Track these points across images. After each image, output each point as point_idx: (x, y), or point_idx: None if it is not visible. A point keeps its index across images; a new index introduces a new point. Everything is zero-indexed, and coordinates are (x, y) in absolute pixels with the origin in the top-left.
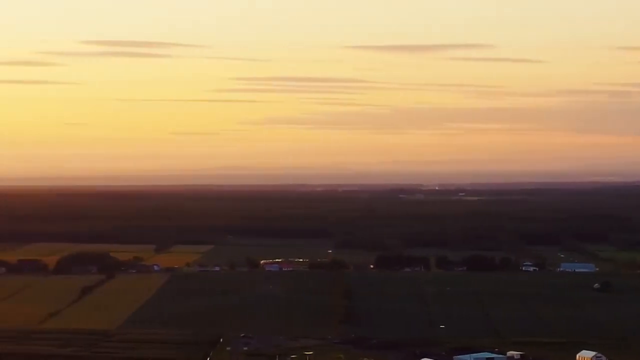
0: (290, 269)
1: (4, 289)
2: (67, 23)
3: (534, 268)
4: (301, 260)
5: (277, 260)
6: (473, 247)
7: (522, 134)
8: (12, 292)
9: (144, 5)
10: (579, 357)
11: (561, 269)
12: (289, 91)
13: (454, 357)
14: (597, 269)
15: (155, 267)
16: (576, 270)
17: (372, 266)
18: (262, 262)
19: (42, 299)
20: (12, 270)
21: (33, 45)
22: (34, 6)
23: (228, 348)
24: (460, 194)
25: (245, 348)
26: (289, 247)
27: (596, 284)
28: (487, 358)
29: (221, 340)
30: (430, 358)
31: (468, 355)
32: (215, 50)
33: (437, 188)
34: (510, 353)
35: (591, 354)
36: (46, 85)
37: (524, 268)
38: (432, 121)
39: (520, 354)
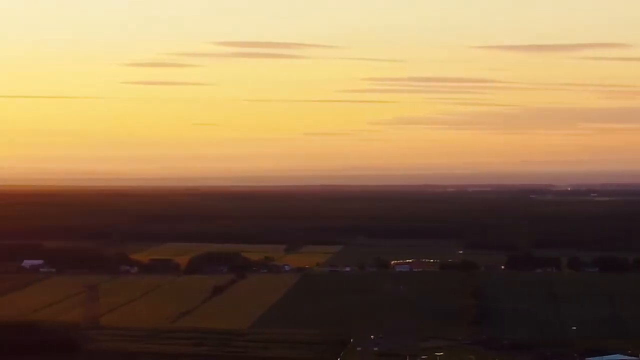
0: (421, 269)
1: (136, 288)
2: (201, 24)
3: None
4: (431, 260)
5: (407, 260)
6: (605, 248)
7: None
8: (145, 292)
9: (277, 6)
10: None
11: None
12: (419, 91)
13: (586, 359)
14: None
15: (286, 267)
16: None
17: (502, 267)
18: (392, 262)
19: (173, 298)
20: (145, 270)
21: (167, 47)
22: (168, 8)
23: (359, 348)
24: (592, 194)
25: (375, 348)
26: (419, 248)
27: None
28: None
29: (352, 340)
30: None
31: (600, 357)
32: (347, 51)
33: (568, 189)
34: None
35: None
36: (178, 87)
37: None
38: (564, 121)
39: None
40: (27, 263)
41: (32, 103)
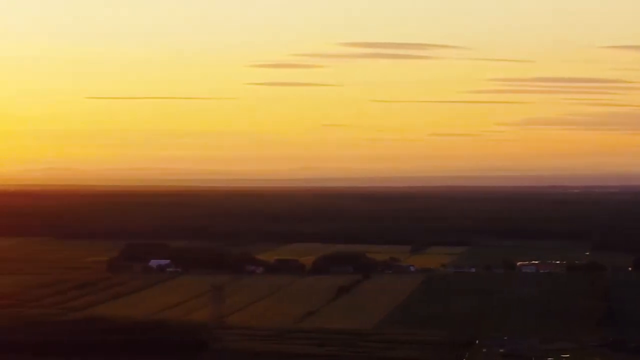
0: (547, 270)
1: (261, 288)
2: (327, 26)
3: None
4: (558, 262)
5: (534, 262)
6: None
7: None
8: (269, 292)
9: (403, 6)
10: None
11: None
12: (547, 92)
13: None
14: None
15: (411, 268)
16: None
17: (630, 268)
18: (518, 263)
19: (298, 298)
20: (270, 270)
21: (293, 48)
22: (294, 10)
23: (484, 349)
24: None
25: (501, 350)
26: (545, 249)
27: None
28: None
29: (477, 341)
30: None
31: None
32: (475, 51)
33: None
34: None
35: None
36: (305, 88)
37: None
38: None
39: None
40: (153, 263)
41: (161, 104)
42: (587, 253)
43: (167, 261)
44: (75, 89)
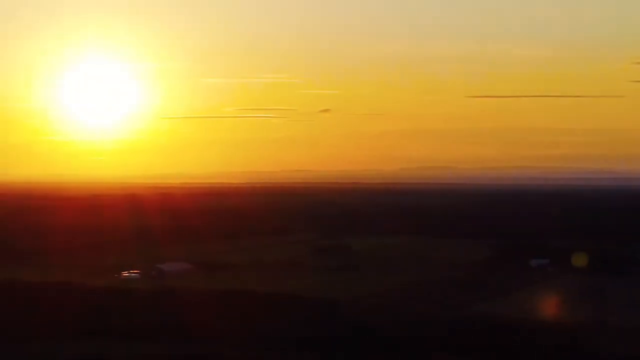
0: None
1: None
2: None
3: None
4: None
5: None
6: None
7: None
8: None
9: None
10: None
11: None
12: None
13: None
14: None
15: None
16: None
17: None
18: None
19: None
20: None
21: None
22: None
23: None
24: None
25: None
26: None
27: None
28: None
29: None
30: None
31: None
32: None
33: None
34: None
35: None
36: None
37: None
38: None
39: None
40: (534, 262)
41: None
42: None
43: (547, 260)
44: (455, 88)
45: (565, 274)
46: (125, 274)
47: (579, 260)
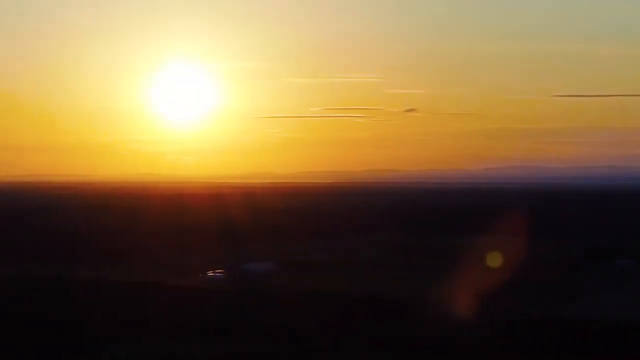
0: None
1: None
2: None
3: None
4: None
5: None
6: None
7: None
8: None
9: None
10: None
11: None
12: None
13: None
14: None
15: None
16: None
17: None
18: None
19: None
20: None
21: None
22: None
23: None
24: None
25: None
26: None
27: None
28: None
29: None
30: None
31: None
32: None
33: None
34: None
35: None
36: None
37: None
38: None
39: None
40: (618, 263)
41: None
42: None
43: (633, 261)
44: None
45: None
46: (210, 273)
47: None
